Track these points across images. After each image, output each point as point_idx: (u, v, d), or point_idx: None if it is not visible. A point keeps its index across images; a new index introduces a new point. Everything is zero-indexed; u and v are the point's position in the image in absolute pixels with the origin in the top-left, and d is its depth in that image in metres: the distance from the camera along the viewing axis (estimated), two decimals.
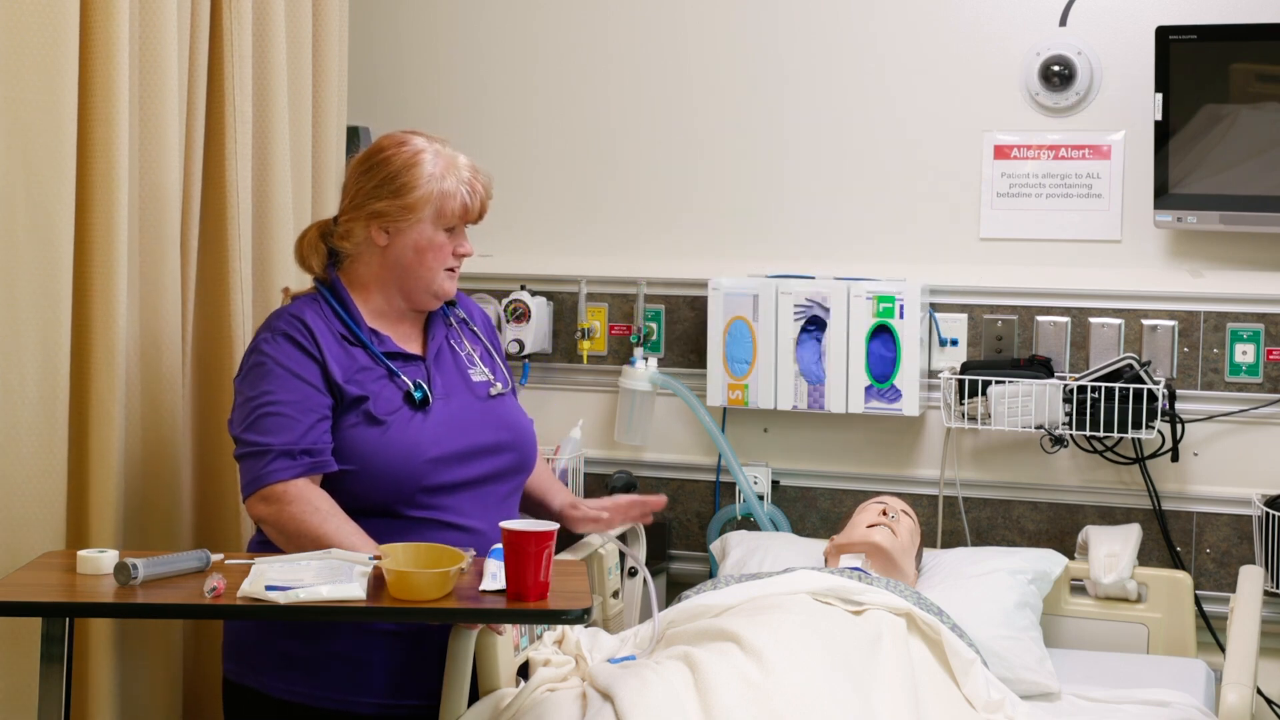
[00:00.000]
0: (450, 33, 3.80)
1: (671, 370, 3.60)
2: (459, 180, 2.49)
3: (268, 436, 2.38)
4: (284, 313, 2.49)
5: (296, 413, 2.39)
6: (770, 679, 2.32)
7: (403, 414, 2.46)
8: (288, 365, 2.42)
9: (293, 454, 2.37)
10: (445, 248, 2.50)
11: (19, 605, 2.16)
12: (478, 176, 2.52)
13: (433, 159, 2.48)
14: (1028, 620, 2.97)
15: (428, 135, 2.54)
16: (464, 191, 2.49)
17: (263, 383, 2.42)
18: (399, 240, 2.49)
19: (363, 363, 2.48)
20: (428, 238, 2.48)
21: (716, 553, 3.35)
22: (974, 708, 2.56)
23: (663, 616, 2.67)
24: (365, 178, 2.50)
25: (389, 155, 2.49)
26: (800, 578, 2.76)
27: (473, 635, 2.38)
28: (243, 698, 2.49)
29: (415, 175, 2.46)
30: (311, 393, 2.41)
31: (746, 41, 3.59)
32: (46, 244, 2.49)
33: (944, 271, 3.46)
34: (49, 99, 2.47)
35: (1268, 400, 3.25)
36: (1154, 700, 2.74)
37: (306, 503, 2.35)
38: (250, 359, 2.46)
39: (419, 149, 2.49)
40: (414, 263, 2.49)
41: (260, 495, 2.37)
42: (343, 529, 2.34)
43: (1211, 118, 3.18)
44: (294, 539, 2.34)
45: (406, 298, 2.54)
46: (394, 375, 2.49)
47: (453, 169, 2.49)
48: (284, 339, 2.44)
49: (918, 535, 3.10)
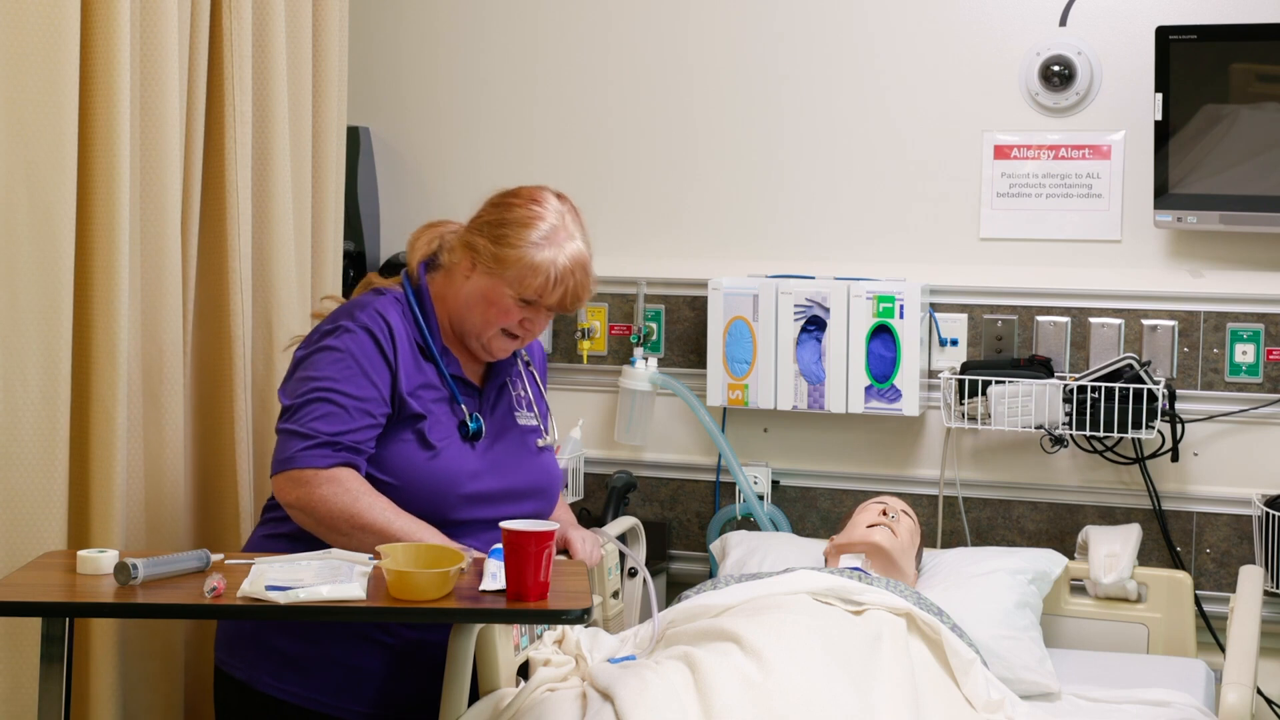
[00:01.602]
0: (450, 33, 3.80)
1: (671, 370, 3.60)
2: (554, 264, 2.44)
3: (317, 423, 2.36)
4: (370, 306, 2.47)
5: (354, 411, 2.38)
6: (770, 679, 2.32)
7: (454, 443, 2.47)
8: (362, 363, 2.40)
9: (336, 445, 2.36)
10: (511, 312, 2.47)
11: (19, 605, 2.16)
12: (575, 272, 2.46)
13: (546, 231, 2.45)
14: (1028, 620, 2.97)
15: (571, 208, 2.51)
16: (552, 275, 2.44)
17: (331, 368, 2.39)
18: (476, 280, 2.47)
19: (430, 379, 2.48)
20: (498, 294, 2.46)
21: (716, 553, 3.35)
22: (974, 707, 2.56)
23: (663, 616, 2.67)
24: (488, 209, 2.51)
25: (515, 204, 2.48)
26: (800, 578, 2.76)
27: (473, 635, 2.38)
28: (232, 689, 2.49)
29: (520, 235, 2.44)
30: (375, 398, 2.41)
31: (746, 41, 3.59)
32: (47, 244, 2.49)
33: (944, 271, 3.45)
34: (50, 99, 2.47)
35: (1268, 400, 3.25)
36: (1154, 700, 2.74)
37: (338, 483, 2.34)
38: (324, 339, 2.43)
39: (540, 215, 2.46)
40: (476, 308, 2.48)
41: (289, 475, 2.35)
42: (374, 506, 2.33)
43: (1211, 118, 3.18)
44: (324, 521, 2.33)
45: (460, 334, 2.53)
46: (455, 401, 2.49)
47: (559, 251, 2.45)
48: (366, 334, 2.42)
49: (918, 535, 3.10)
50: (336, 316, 2.47)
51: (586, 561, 2.60)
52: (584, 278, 2.48)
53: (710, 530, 3.57)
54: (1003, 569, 3.06)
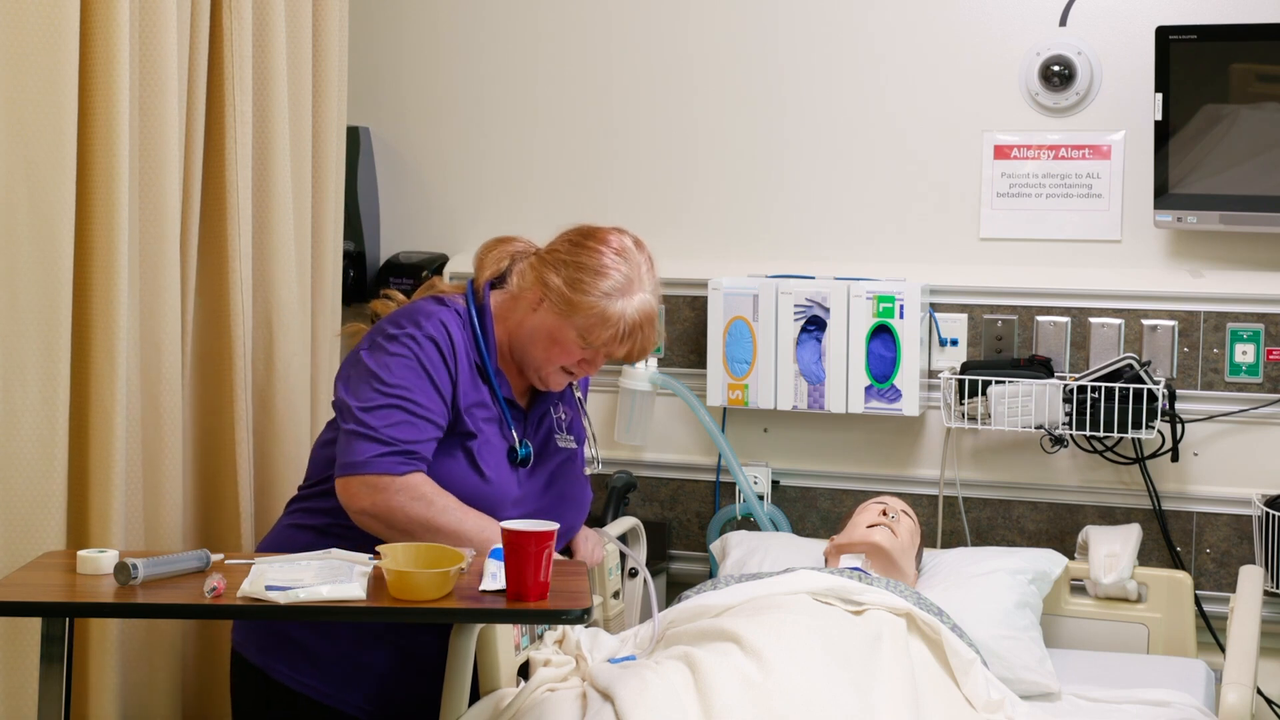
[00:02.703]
0: (450, 33, 3.80)
1: (671, 370, 3.60)
2: (623, 318, 2.45)
3: (394, 430, 2.36)
4: (434, 314, 2.46)
5: (426, 421, 2.39)
6: (770, 679, 2.32)
7: (503, 470, 2.48)
8: (430, 372, 2.41)
9: (411, 454, 2.37)
10: (573, 353, 2.47)
11: (19, 605, 2.17)
12: (643, 326, 2.47)
13: (621, 283, 2.45)
14: (1028, 620, 2.97)
15: (648, 258, 2.51)
16: (621, 329, 2.44)
17: (403, 375, 2.39)
18: (543, 316, 2.47)
19: (483, 398, 2.48)
20: (564, 335, 2.46)
21: (716, 553, 3.35)
22: (974, 708, 2.56)
23: (663, 617, 2.67)
24: (567, 247, 2.49)
25: (596, 250, 2.47)
26: (800, 578, 2.77)
27: (473, 636, 2.38)
28: (249, 673, 2.52)
29: (594, 283, 2.44)
30: (442, 408, 2.42)
31: (746, 41, 3.59)
32: (47, 244, 2.49)
33: (944, 271, 3.45)
34: (49, 99, 2.47)
35: (1268, 400, 3.25)
36: (1154, 700, 2.74)
37: (413, 490, 2.35)
38: (393, 344, 2.42)
39: (615, 265, 2.45)
40: (539, 344, 2.48)
41: (365, 480, 2.35)
42: (448, 509, 2.35)
43: (1211, 118, 3.18)
44: (400, 526, 2.34)
45: (519, 360, 2.53)
46: (505, 424, 2.50)
47: (628, 303, 2.45)
48: (430, 344, 2.42)
49: (918, 535, 3.10)
50: (401, 321, 2.45)
51: (588, 561, 2.60)
52: (650, 332, 2.49)
53: (710, 530, 3.57)
54: (1003, 569, 3.06)
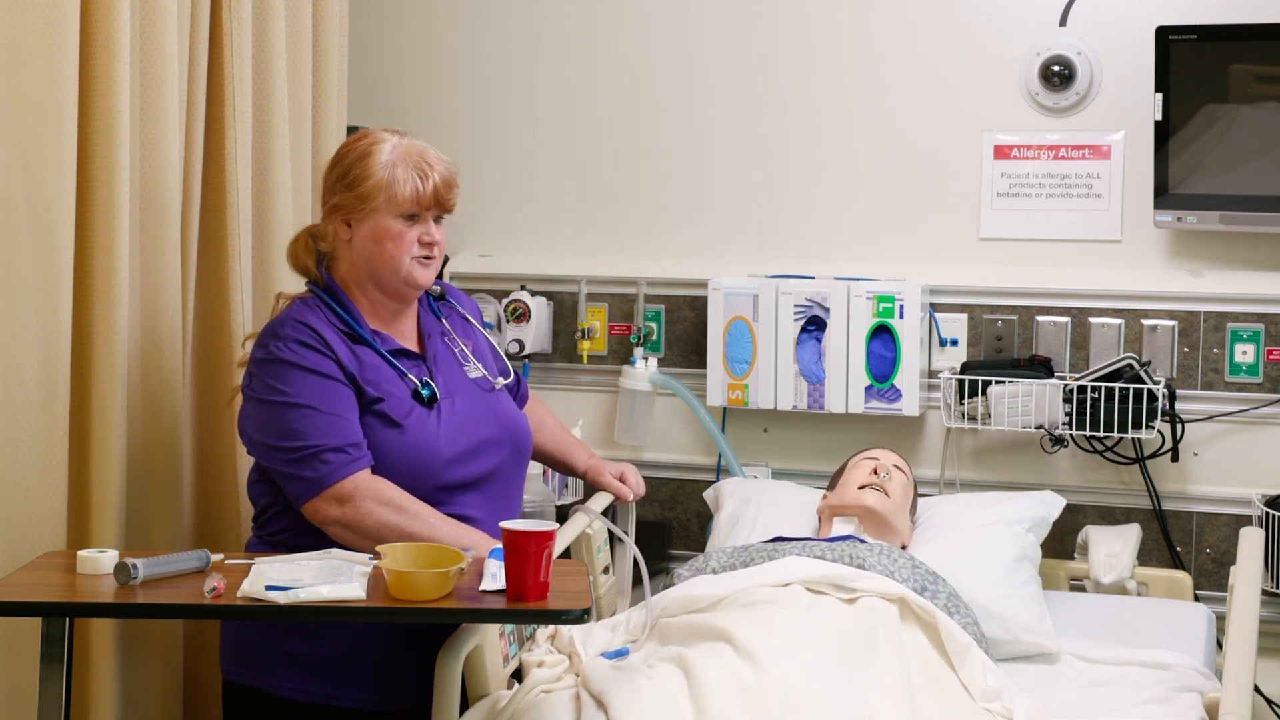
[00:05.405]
0: (450, 33, 3.80)
1: (671, 370, 3.60)
2: (410, 167, 2.47)
3: (315, 438, 2.36)
4: (287, 319, 2.48)
5: (335, 410, 2.39)
6: (765, 681, 2.31)
7: (417, 414, 2.47)
8: (311, 367, 2.41)
9: (345, 449, 2.37)
10: (404, 236, 2.48)
11: (19, 605, 2.16)
12: (430, 163, 2.49)
13: (389, 150, 2.48)
14: (1027, 574, 2.93)
15: (395, 130, 2.54)
16: (414, 177, 2.47)
17: (289, 387, 2.40)
18: (359, 231, 2.50)
19: (371, 362, 2.48)
20: (384, 226, 2.47)
21: (710, 502, 3.34)
22: (971, 696, 2.53)
23: (655, 602, 2.66)
24: (330, 173, 2.54)
25: (347, 149, 2.52)
26: (792, 565, 2.70)
27: (462, 654, 2.31)
28: (243, 697, 2.49)
29: (367, 166, 2.47)
30: (341, 389, 2.42)
31: (747, 42, 3.59)
32: (47, 244, 2.49)
33: (944, 271, 3.46)
34: (49, 99, 2.47)
35: (1268, 400, 3.25)
36: (1154, 663, 2.70)
37: (376, 495, 2.36)
38: (265, 369, 2.43)
39: (375, 140, 2.50)
40: (375, 252, 2.49)
41: (327, 496, 2.36)
42: (419, 515, 2.37)
43: (1211, 118, 3.18)
44: (371, 535, 2.34)
45: (381, 288, 2.53)
46: (403, 375, 2.50)
47: (407, 157, 2.48)
48: (297, 344, 2.43)
49: (911, 489, 3.07)
50: (263, 343, 2.46)
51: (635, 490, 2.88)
52: (443, 166, 2.51)
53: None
54: (1000, 519, 3.03)
